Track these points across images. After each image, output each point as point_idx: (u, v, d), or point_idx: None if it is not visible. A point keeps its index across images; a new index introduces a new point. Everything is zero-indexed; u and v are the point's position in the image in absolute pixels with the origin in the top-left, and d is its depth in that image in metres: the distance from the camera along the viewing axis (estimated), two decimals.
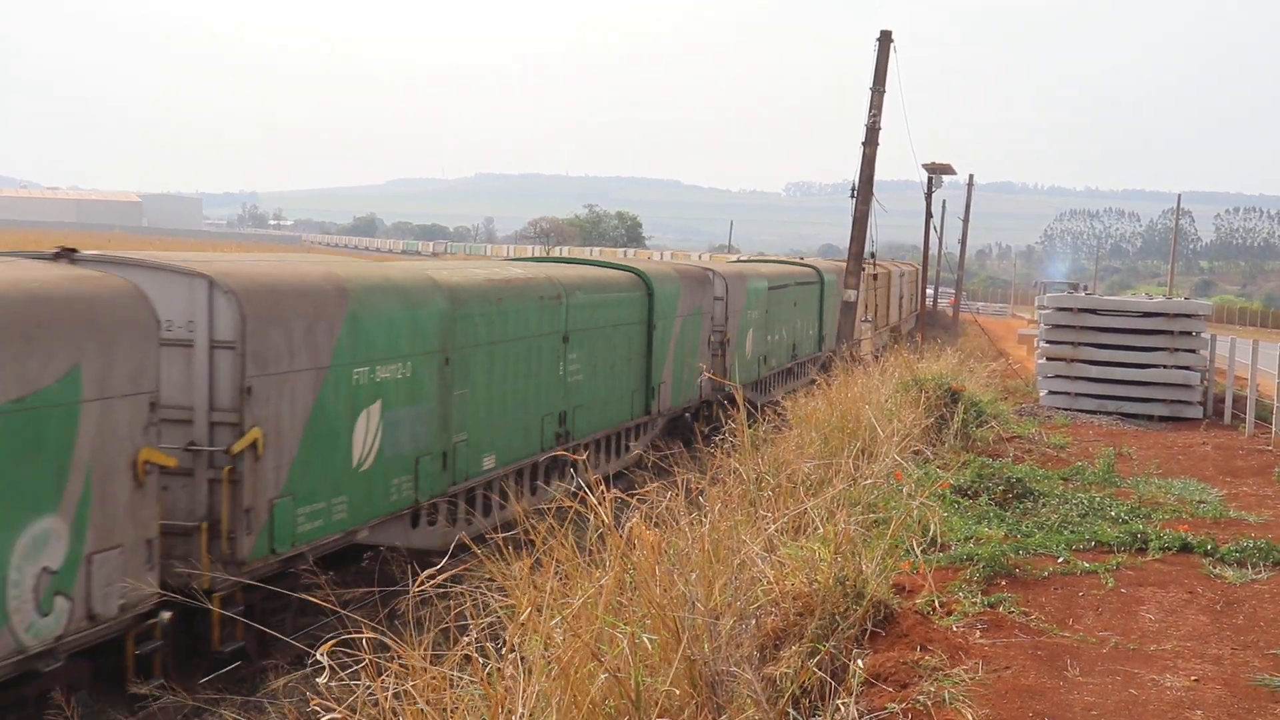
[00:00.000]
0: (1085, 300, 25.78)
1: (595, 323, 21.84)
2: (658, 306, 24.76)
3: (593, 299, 21.83)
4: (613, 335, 22.81)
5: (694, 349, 27.37)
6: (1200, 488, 15.65)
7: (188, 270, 12.63)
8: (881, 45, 36.43)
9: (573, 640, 6.75)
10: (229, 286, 12.53)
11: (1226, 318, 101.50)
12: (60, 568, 10.11)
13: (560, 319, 20.26)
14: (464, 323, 16.93)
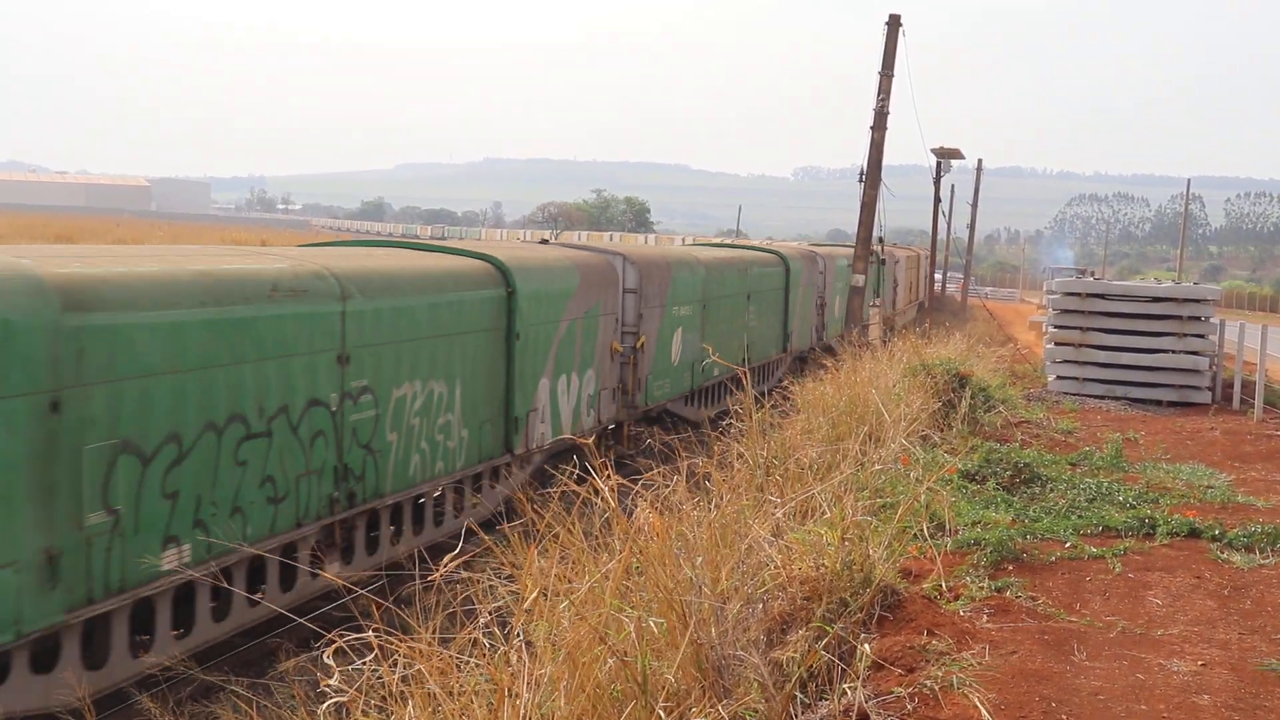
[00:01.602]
0: (1094, 285, 25.72)
1: (762, 287, 31.95)
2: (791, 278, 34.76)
3: (763, 271, 32.44)
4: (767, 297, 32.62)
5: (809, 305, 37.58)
6: (1208, 473, 15.63)
7: (614, 252, 23.48)
8: (890, 29, 36.33)
9: (580, 624, 6.77)
10: (633, 259, 23.38)
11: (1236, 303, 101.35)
12: (592, 395, 21.01)
13: (746, 284, 30.43)
14: (713, 284, 27.48)
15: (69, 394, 10.20)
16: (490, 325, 17.47)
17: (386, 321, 14.80)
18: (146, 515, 11.05)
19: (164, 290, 11.52)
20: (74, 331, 10.27)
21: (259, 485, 12.59)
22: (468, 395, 16.86)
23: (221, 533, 11.90)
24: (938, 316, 50.84)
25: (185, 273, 12.05)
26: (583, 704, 6.56)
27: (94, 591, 10.56)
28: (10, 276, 9.97)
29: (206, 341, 11.81)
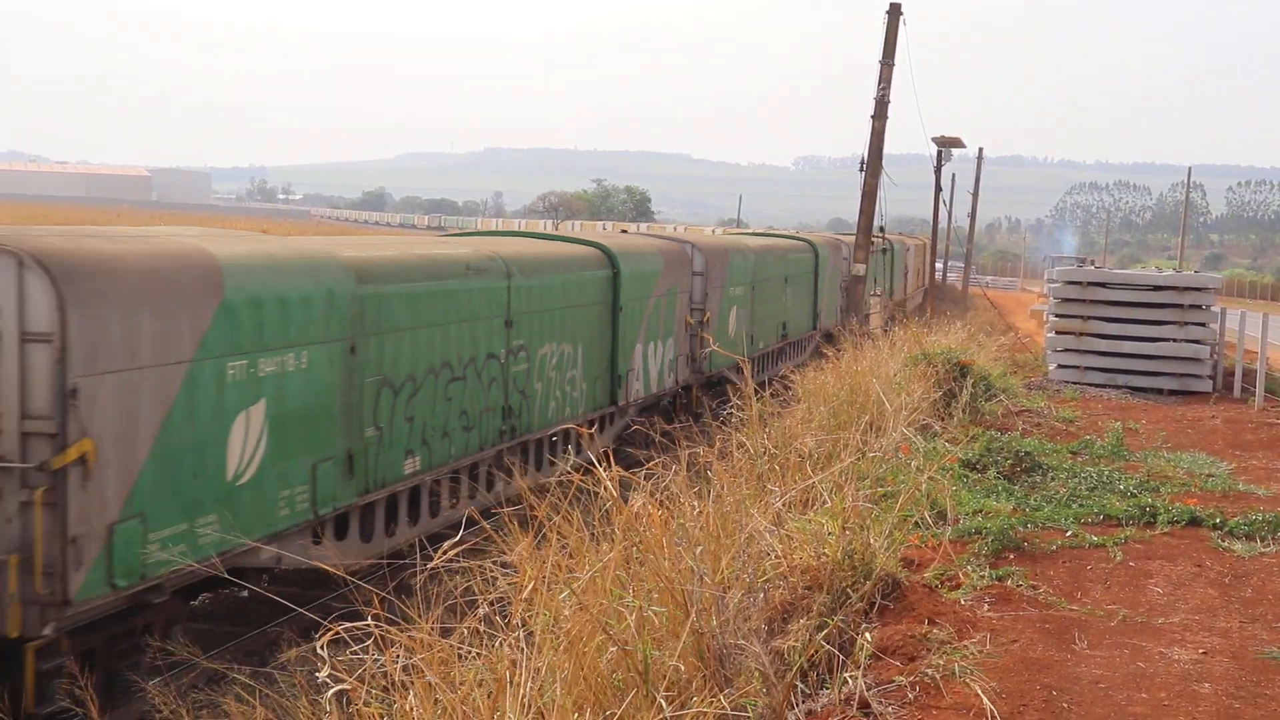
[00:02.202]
0: (1095, 274, 25.71)
1: (796, 271, 36.10)
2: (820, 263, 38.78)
3: (798, 257, 36.80)
4: (800, 280, 36.32)
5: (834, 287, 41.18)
6: (1209, 461, 15.64)
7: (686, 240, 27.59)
8: (891, 18, 36.26)
9: (580, 613, 6.77)
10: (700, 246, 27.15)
11: (1237, 291, 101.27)
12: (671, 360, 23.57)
13: (784, 268, 34.22)
14: (760, 268, 31.35)
15: (359, 341, 14.34)
16: (600, 299, 21.78)
17: (535, 295, 19.05)
18: (396, 433, 15.26)
19: (405, 269, 15.86)
20: (361, 297, 14.37)
21: (459, 416, 16.88)
22: (586, 355, 21.18)
23: (437, 450, 16.26)
24: (939, 305, 50.78)
25: (414, 255, 16.72)
26: (584, 693, 6.57)
27: (369, 484, 14.74)
28: (330, 260, 14.30)
29: (429, 306, 16.02)
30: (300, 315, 13.22)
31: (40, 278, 10.33)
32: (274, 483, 12.88)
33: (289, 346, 13.05)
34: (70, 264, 10.65)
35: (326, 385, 13.71)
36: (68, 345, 10.36)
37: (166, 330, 11.42)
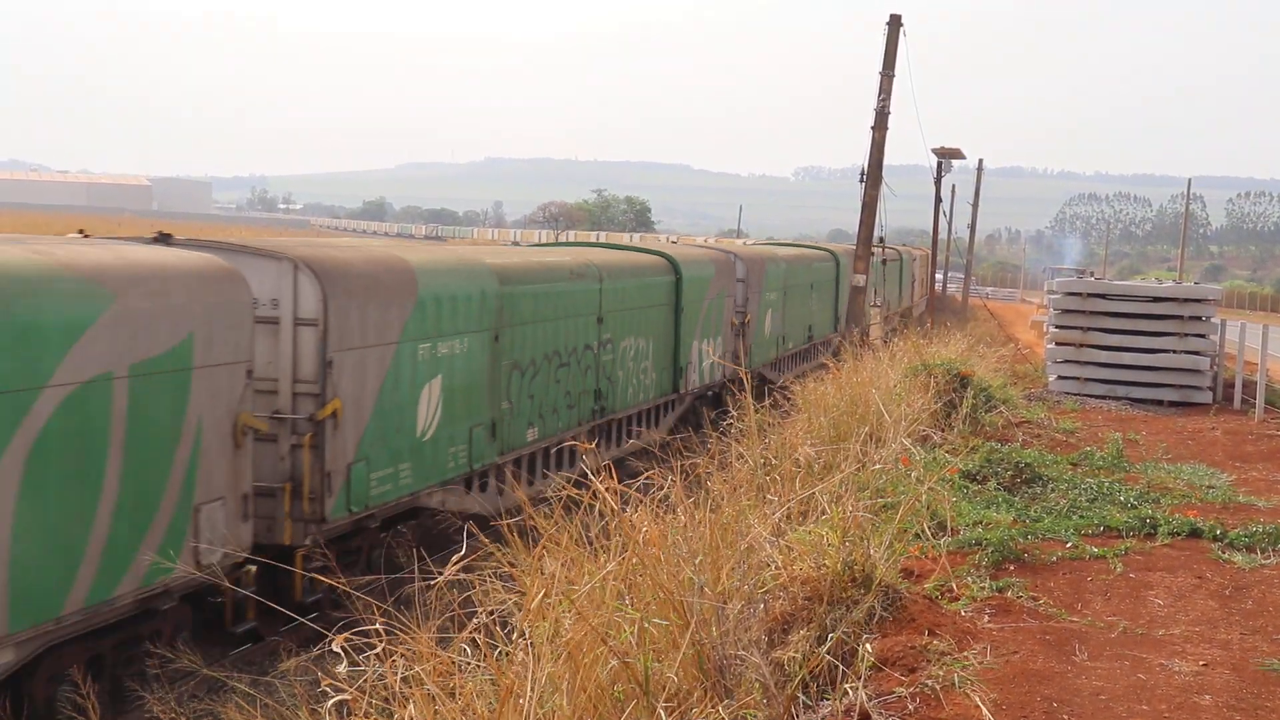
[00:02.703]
0: (1095, 285, 25.70)
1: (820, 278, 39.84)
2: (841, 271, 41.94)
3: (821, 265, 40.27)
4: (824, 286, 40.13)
5: None
6: (1209, 473, 15.63)
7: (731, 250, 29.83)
8: (891, 29, 36.33)
9: (580, 625, 6.77)
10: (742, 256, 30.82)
11: (1237, 303, 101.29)
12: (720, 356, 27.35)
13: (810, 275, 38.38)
14: (790, 275, 35.22)
15: (501, 331, 18.16)
16: (666, 301, 25.72)
17: (620, 296, 22.90)
18: (522, 407, 19.04)
19: (531, 273, 19.64)
20: (502, 296, 18.16)
21: (564, 396, 20.66)
22: (655, 349, 25.08)
23: (549, 423, 20.00)
24: (939, 316, 50.80)
25: (535, 262, 20.46)
26: (584, 704, 6.56)
27: (504, 447, 18.45)
28: (481, 266, 18.15)
29: (546, 304, 19.79)
30: (464, 310, 17.09)
31: (309, 278, 14.01)
32: (445, 441, 16.74)
33: (456, 334, 16.86)
34: (328, 268, 14.31)
35: (479, 366, 17.60)
36: (328, 328, 14.03)
37: (383, 319, 15.16)
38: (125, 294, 11.20)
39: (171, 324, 11.67)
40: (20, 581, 10.04)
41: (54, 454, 10.36)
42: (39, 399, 10.20)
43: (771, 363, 33.22)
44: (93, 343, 10.75)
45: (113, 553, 11.03)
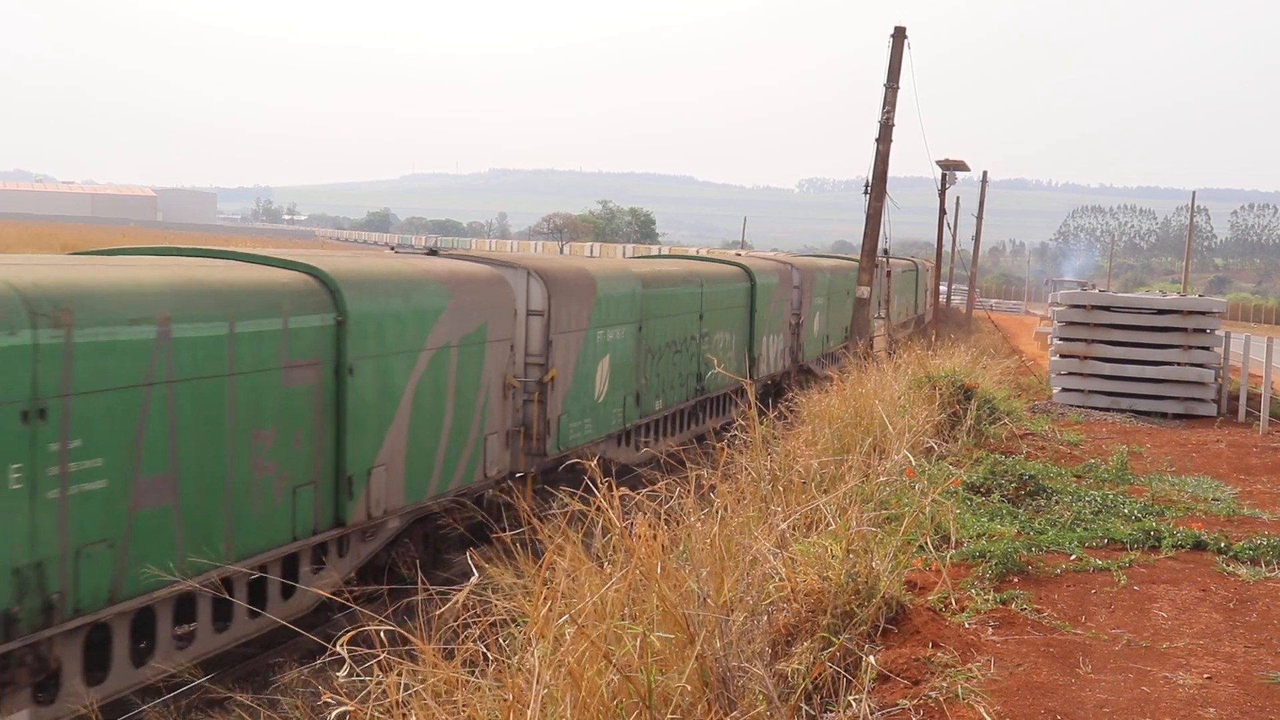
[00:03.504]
0: (1099, 297, 25.69)
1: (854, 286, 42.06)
2: None
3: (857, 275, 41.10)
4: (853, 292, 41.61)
5: None
6: (1214, 485, 15.61)
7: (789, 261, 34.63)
8: (895, 42, 36.37)
9: (581, 639, 6.75)
10: (798, 266, 35.74)
11: (1241, 315, 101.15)
12: (780, 351, 33.93)
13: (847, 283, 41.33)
14: (833, 284, 40.29)
15: (643, 323, 23.40)
16: (744, 303, 31.28)
17: (714, 298, 28.41)
18: (652, 384, 24.43)
19: (660, 278, 25.20)
20: (644, 296, 23.50)
21: (678, 376, 26.19)
22: (736, 342, 30.50)
23: (669, 397, 25.52)
24: (943, 328, 50.80)
25: (662, 270, 26.20)
26: (586, 718, 6.54)
27: (642, 413, 23.96)
28: (630, 272, 23.55)
29: (669, 304, 25.29)
30: (622, 306, 22.57)
31: (538, 281, 19.51)
32: (610, 404, 22.23)
33: (618, 324, 22.39)
34: (549, 274, 19.76)
35: (629, 349, 23.01)
36: (550, 317, 19.54)
37: (579, 312, 20.67)
38: (458, 293, 16.75)
39: (479, 313, 17.25)
40: (409, 474, 15.40)
41: (424, 394, 15.73)
42: (419, 358, 15.62)
43: (817, 359, 38.20)
44: (443, 323, 16.19)
45: (447, 462, 16.44)
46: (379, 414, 14.67)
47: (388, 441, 14.87)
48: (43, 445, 9.97)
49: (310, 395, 13.41)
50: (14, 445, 9.73)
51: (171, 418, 11.36)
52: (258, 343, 12.56)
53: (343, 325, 13.83)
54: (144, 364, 11.05)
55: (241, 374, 12.28)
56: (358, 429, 14.15)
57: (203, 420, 11.77)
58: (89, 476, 10.44)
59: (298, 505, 13.25)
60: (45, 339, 10.05)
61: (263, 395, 12.64)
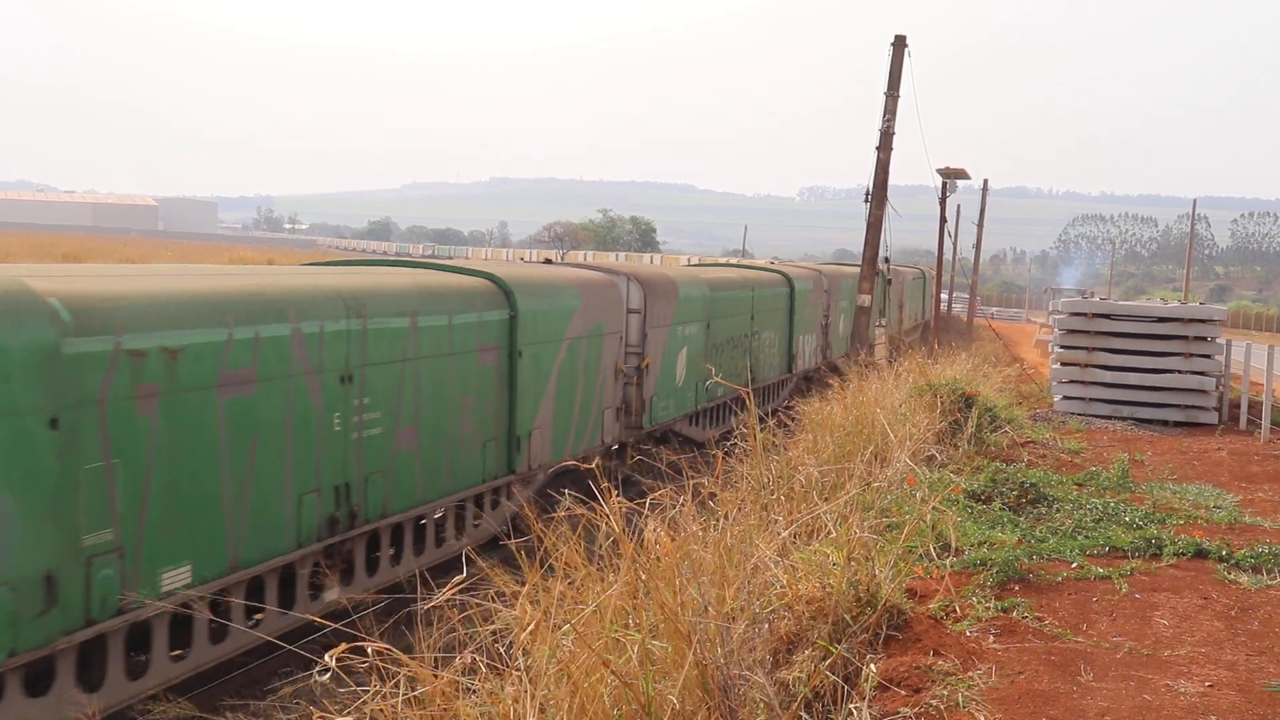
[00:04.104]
0: (1100, 305, 25.69)
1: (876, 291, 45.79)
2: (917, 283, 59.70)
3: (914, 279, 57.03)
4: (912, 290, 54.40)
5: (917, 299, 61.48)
6: (1215, 493, 15.59)
7: (819, 270, 40.48)
8: (895, 50, 36.40)
9: (582, 647, 6.74)
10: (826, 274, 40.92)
11: (1242, 323, 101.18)
12: (815, 348, 39.00)
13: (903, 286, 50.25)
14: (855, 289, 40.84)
15: (710, 322, 27.48)
16: (784, 307, 35.32)
17: (762, 301, 32.60)
18: (724, 372, 27.87)
19: (722, 283, 29.23)
20: (711, 298, 27.66)
21: (735, 368, 29.55)
22: (779, 340, 34.87)
23: (740, 381, 27.66)
24: (944, 336, 50.83)
25: (722, 275, 30.56)
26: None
27: (710, 398, 27.68)
28: (700, 279, 27.81)
29: (728, 305, 29.26)
30: (696, 306, 26.71)
31: (637, 285, 23.40)
32: (686, 390, 26.32)
33: (692, 321, 26.48)
34: (646, 280, 23.86)
35: (699, 343, 27.05)
36: (646, 315, 23.47)
37: (666, 310, 24.56)
38: (585, 295, 20.96)
39: (598, 312, 21.46)
40: (555, 437, 19.76)
41: (564, 375, 20.08)
42: (561, 346, 19.89)
43: (843, 355, 41.13)
44: (576, 319, 20.47)
45: (578, 429, 20.81)
46: (536, 389, 19.14)
47: (541, 410, 19.37)
48: (350, 401, 14.19)
49: (493, 372, 17.86)
50: (336, 400, 13.96)
51: (416, 385, 15.66)
52: (465, 331, 16.94)
53: (514, 319, 18.32)
54: (402, 345, 15.30)
55: (454, 354, 16.68)
56: (523, 399, 18.67)
57: (434, 388, 16.11)
58: (372, 425, 14.69)
59: (485, 456, 17.79)
60: (353, 326, 14.32)
61: (466, 371, 17.03)
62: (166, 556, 11.38)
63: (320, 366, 13.66)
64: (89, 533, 10.50)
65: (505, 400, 18.16)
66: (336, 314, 13.99)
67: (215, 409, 12.01)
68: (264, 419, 12.76)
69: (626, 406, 23.14)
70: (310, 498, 13.56)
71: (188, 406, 11.66)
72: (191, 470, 11.69)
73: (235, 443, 12.26)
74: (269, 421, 12.83)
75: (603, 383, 21.70)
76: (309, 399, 13.48)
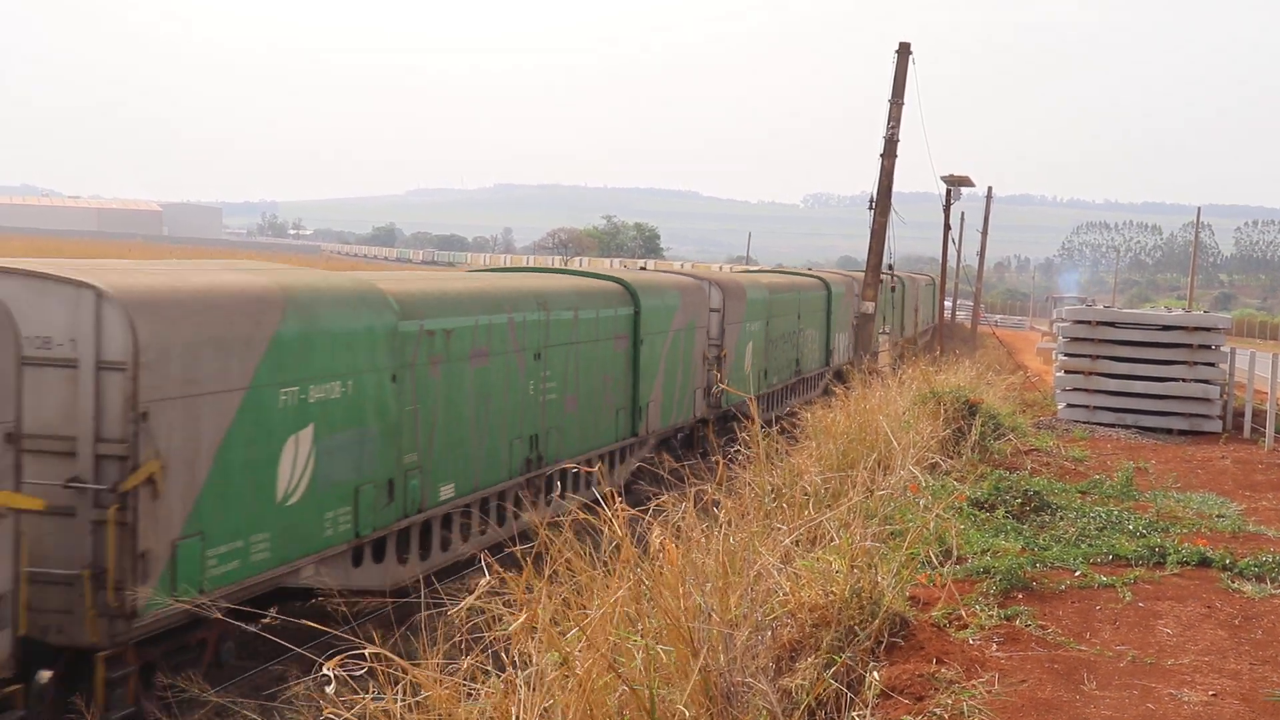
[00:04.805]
0: (1104, 313, 25.67)
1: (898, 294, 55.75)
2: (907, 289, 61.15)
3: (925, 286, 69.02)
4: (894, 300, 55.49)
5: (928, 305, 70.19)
6: (1219, 502, 15.58)
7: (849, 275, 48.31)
8: (900, 57, 36.44)
9: (589, 652, 6.75)
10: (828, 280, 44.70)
11: (1246, 331, 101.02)
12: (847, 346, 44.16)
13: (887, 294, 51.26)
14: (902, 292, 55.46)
15: (769, 320, 33.21)
16: (823, 308, 40.46)
17: (804, 303, 37.51)
18: (772, 364, 33.76)
19: (776, 288, 34.61)
20: (770, 300, 33.40)
21: (785, 359, 35.08)
22: (820, 337, 39.94)
23: (779, 376, 34.69)
24: (948, 344, 50.84)
25: (775, 281, 35.75)
26: None
27: (771, 384, 33.97)
28: (761, 283, 33.71)
29: (783, 307, 34.63)
30: (760, 307, 31.86)
31: (717, 288, 28.80)
32: (756, 374, 31.60)
33: (757, 319, 31.58)
34: (723, 283, 29.62)
35: (761, 338, 32.24)
36: (724, 314, 28.79)
37: (738, 310, 29.71)
38: (684, 295, 26.42)
39: (692, 310, 26.90)
40: (662, 409, 25.09)
41: (669, 360, 25.26)
42: (667, 337, 25.13)
43: (875, 353, 44.99)
44: (677, 315, 25.78)
45: (679, 404, 26.25)
46: (651, 370, 24.48)
47: (654, 387, 24.74)
48: (539, 372, 19.70)
49: (623, 355, 23.40)
50: (531, 371, 19.41)
51: (577, 363, 21.05)
52: (606, 323, 22.46)
53: (638, 314, 23.79)
54: (569, 332, 20.78)
55: (600, 340, 22.13)
56: (643, 377, 24.09)
57: (587, 366, 21.53)
58: (551, 391, 20.14)
59: (618, 421, 23.23)
60: (542, 317, 19.81)
61: (606, 354, 22.54)
62: (442, 476, 16.69)
63: (523, 346, 19.15)
64: (406, 454, 15.68)
65: (631, 378, 23.68)
66: (531, 308, 19.50)
67: (468, 374, 17.41)
68: (493, 383, 18.19)
69: (707, 390, 28.13)
70: (516, 442, 19.03)
71: (455, 372, 17.04)
72: (455, 417, 17.02)
73: (478, 399, 17.66)
74: (496, 385, 18.24)
75: (694, 367, 27.19)
76: (516, 370, 18.94)
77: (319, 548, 13.82)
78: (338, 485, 14.13)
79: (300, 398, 13.41)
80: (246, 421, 12.56)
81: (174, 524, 11.58)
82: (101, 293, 11.19)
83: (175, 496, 11.60)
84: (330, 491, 14.02)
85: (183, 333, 11.80)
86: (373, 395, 14.66)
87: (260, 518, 12.80)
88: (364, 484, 14.57)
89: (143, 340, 11.18)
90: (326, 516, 13.97)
